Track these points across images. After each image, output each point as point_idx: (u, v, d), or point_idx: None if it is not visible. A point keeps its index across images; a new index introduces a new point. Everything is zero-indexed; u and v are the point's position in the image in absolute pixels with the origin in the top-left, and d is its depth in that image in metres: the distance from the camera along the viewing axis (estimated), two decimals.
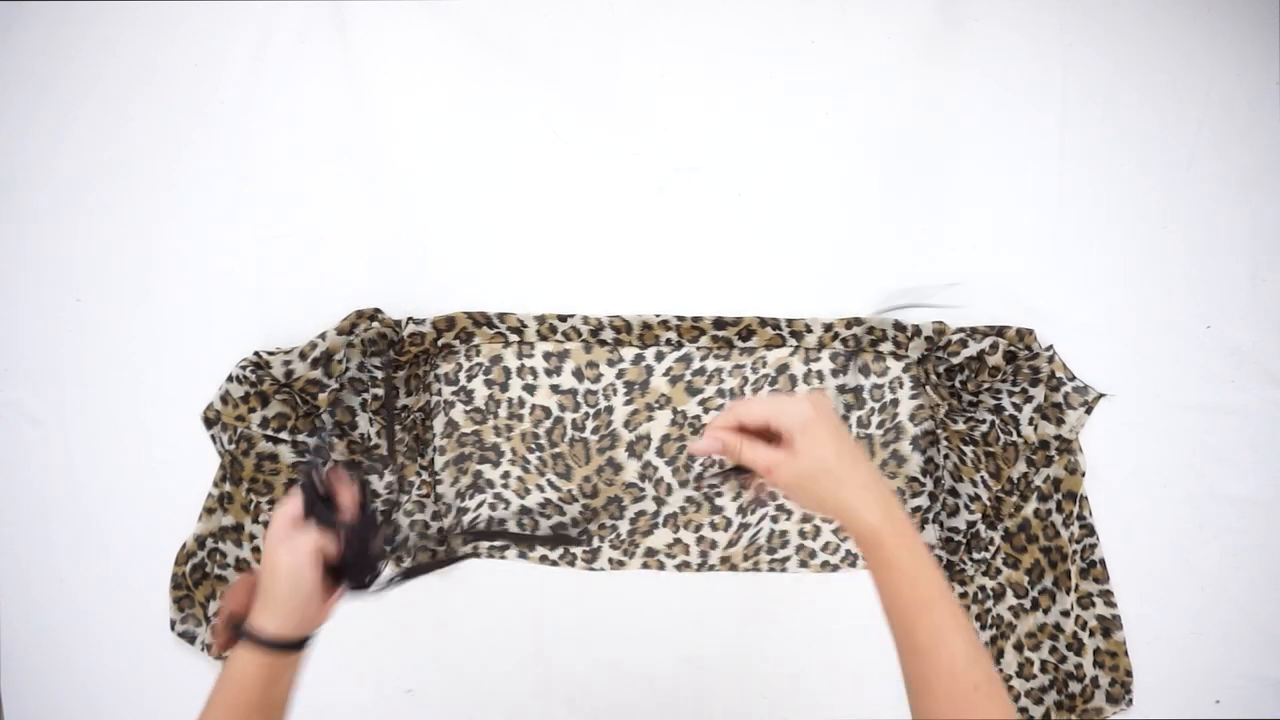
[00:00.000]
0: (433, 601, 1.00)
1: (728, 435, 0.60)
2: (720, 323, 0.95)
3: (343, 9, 0.94)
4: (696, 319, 0.95)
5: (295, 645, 0.59)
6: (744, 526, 0.98)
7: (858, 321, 0.94)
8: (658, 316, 0.95)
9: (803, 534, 0.98)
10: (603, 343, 0.95)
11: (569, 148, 0.95)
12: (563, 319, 0.95)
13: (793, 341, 0.95)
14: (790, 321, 0.95)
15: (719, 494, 0.94)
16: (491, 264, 0.96)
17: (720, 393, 0.96)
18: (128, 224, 0.97)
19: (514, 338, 0.96)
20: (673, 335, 0.95)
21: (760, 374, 0.96)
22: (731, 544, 0.98)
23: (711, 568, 0.99)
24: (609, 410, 0.96)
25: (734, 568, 0.99)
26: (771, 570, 0.99)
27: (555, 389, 0.96)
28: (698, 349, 0.96)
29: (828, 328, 0.94)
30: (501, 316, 0.95)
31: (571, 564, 1.00)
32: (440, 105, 0.95)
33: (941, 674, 0.54)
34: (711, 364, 0.96)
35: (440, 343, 0.95)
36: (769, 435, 0.60)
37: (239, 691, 0.57)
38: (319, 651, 1.03)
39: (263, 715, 0.58)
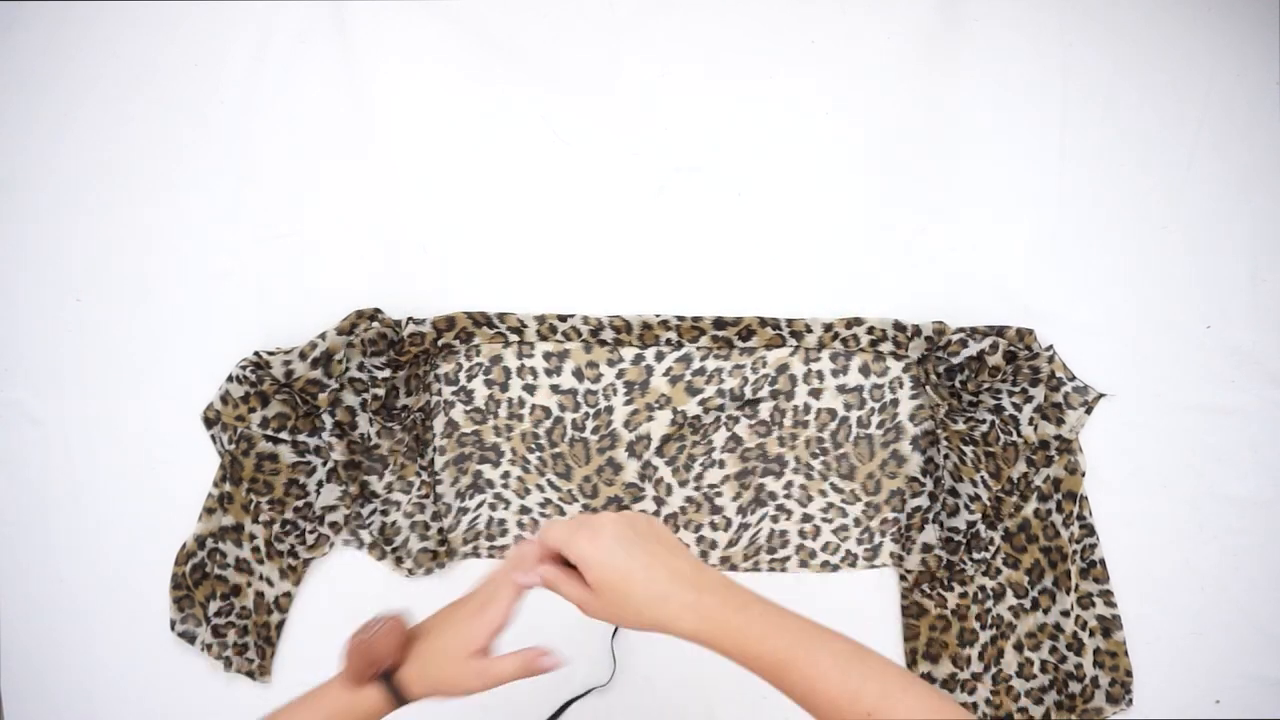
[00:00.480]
0: (433, 601, 0.99)
1: (545, 569, 0.60)
2: (720, 323, 0.95)
3: (343, 9, 0.94)
4: (696, 319, 0.95)
5: (403, 703, 0.62)
6: (744, 526, 0.98)
7: (858, 321, 0.94)
8: (658, 316, 0.95)
9: (803, 534, 0.98)
10: (603, 343, 0.96)
11: (569, 148, 0.95)
12: (563, 319, 0.95)
13: (793, 341, 0.95)
14: (790, 321, 0.95)
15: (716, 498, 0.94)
16: (491, 264, 0.96)
17: (720, 393, 0.96)
18: (128, 224, 0.97)
19: (514, 338, 0.96)
20: (673, 335, 0.95)
21: (760, 374, 0.96)
22: (731, 544, 0.98)
23: (711, 567, 0.99)
24: (609, 410, 0.96)
25: (734, 568, 0.99)
26: (771, 570, 0.99)
27: (555, 389, 0.96)
28: (698, 349, 0.96)
29: (828, 328, 0.94)
30: (501, 316, 0.95)
31: None
32: (440, 105, 0.95)
33: (829, 713, 0.53)
34: (711, 364, 0.96)
35: (440, 343, 0.95)
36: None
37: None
38: (319, 651, 1.03)
39: None
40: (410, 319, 0.95)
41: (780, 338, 0.95)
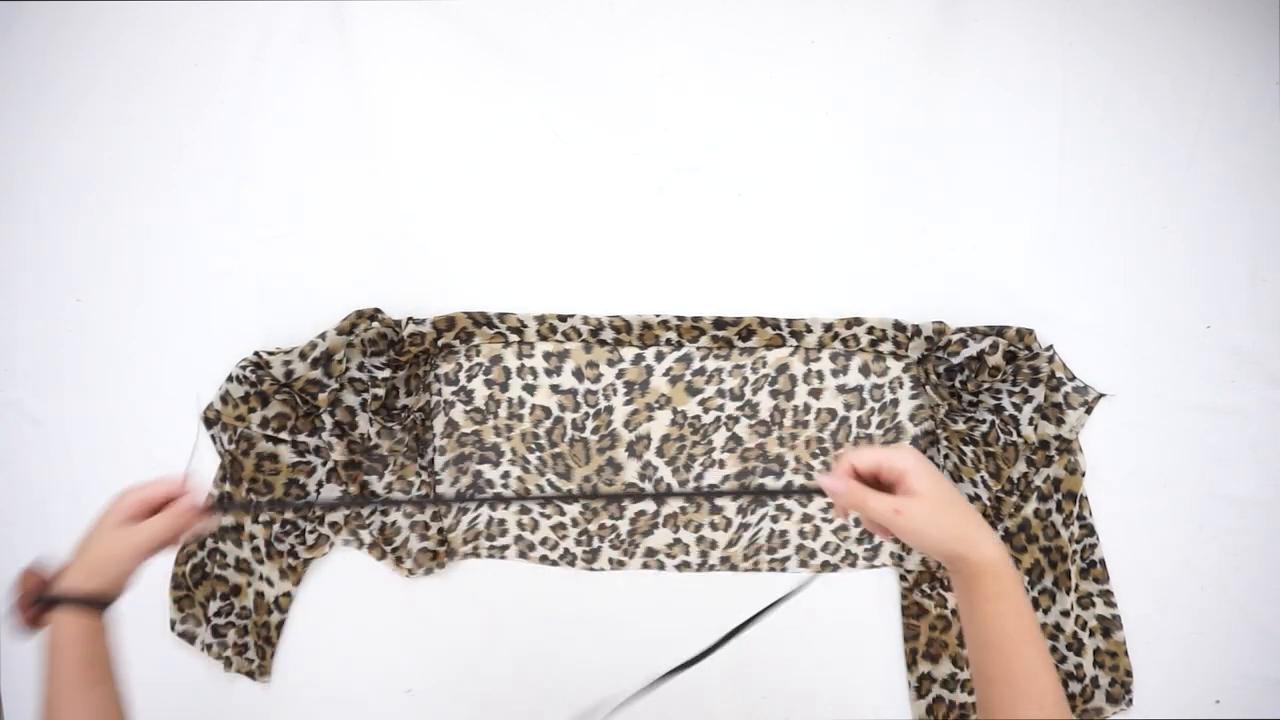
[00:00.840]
0: (433, 602, 1.00)
1: (853, 485, 0.61)
2: (720, 323, 0.95)
3: (343, 9, 0.94)
4: (696, 319, 0.95)
5: (104, 604, 0.64)
6: (744, 526, 0.98)
7: (858, 321, 0.94)
8: (658, 316, 0.95)
9: (803, 534, 0.98)
10: (603, 343, 0.95)
11: (569, 148, 0.95)
12: (563, 319, 0.95)
13: (793, 341, 0.95)
14: (790, 321, 0.95)
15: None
16: (491, 264, 0.96)
17: (720, 393, 0.96)
18: (128, 224, 0.97)
19: (514, 338, 0.96)
20: (673, 335, 0.95)
21: (760, 374, 0.96)
22: (731, 544, 0.98)
23: (711, 568, 0.99)
24: (609, 410, 0.96)
25: (734, 568, 0.99)
26: (771, 570, 0.99)
27: (555, 389, 0.96)
28: (698, 349, 0.96)
29: (828, 328, 0.94)
30: (501, 316, 0.95)
31: (571, 564, 1.00)
32: (440, 105, 0.95)
33: (1031, 707, 0.56)
34: (711, 364, 0.96)
35: (440, 343, 0.95)
36: (878, 484, 0.62)
37: (70, 649, 0.62)
38: (319, 651, 1.03)
39: (95, 670, 0.62)
40: (410, 319, 0.95)
41: (780, 338, 0.95)
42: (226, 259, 0.97)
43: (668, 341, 0.95)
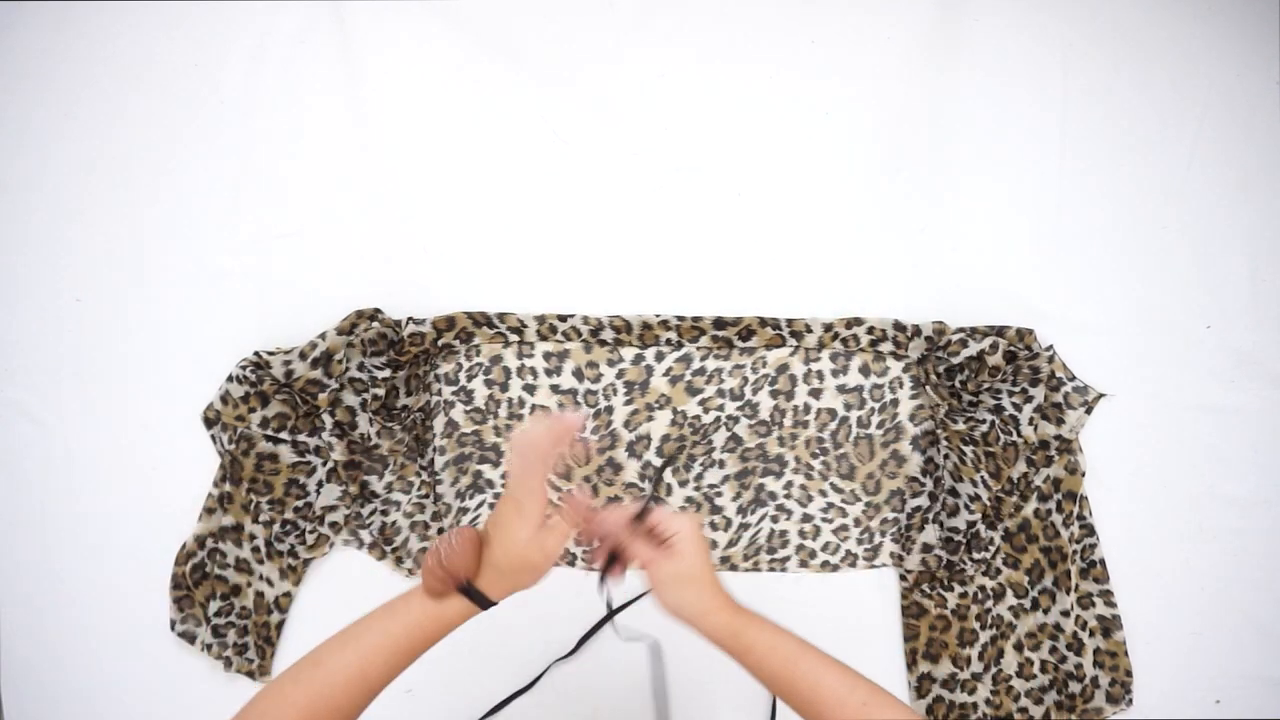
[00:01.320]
0: None
1: (625, 528, 0.69)
2: (720, 323, 0.95)
3: (342, 9, 0.94)
4: (696, 319, 0.95)
5: (490, 606, 0.67)
6: (744, 526, 0.98)
7: (858, 321, 0.94)
8: (658, 316, 0.95)
9: (802, 534, 0.98)
10: (603, 343, 0.96)
11: (569, 148, 0.95)
12: (563, 319, 0.95)
13: (793, 341, 0.95)
14: (790, 321, 0.95)
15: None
16: (491, 264, 0.96)
17: (720, 392, 0.96)
18: (128, 224, 0.97)
19: (514, 338, 0.96)
20: (673, 335, 0.95)
21: (760, 374, 0.96)
22: (731, 544, 0.98)
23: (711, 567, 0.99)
24: (609, 410, 0.96)
25: (734, 567, 0.99)
26: (771, 570, 0.99)
27: (555, 389, 0.96)
28: (698, 349, 0.96)
29: (828, 328, 0.94)
30: (501, 316, 0.95)
31: (571, 564, 1.00)
32: (440, 105, 0.95)
33: (833, 707, 0.63)
34: (711, 364, 0.96)
35: (440, 343, 0.95)
36: (651, 537, 0.69)
37: (438, 629, 0.65)
38: None
39: (423, 651, 0.66)
40: (410, 319, 0.95)
41: (780, 338, 0.95)
42: (226, 259, 0.97)
43: (668, 341, 0.95)
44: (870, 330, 0.94)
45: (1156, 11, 0.92)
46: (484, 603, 0.66)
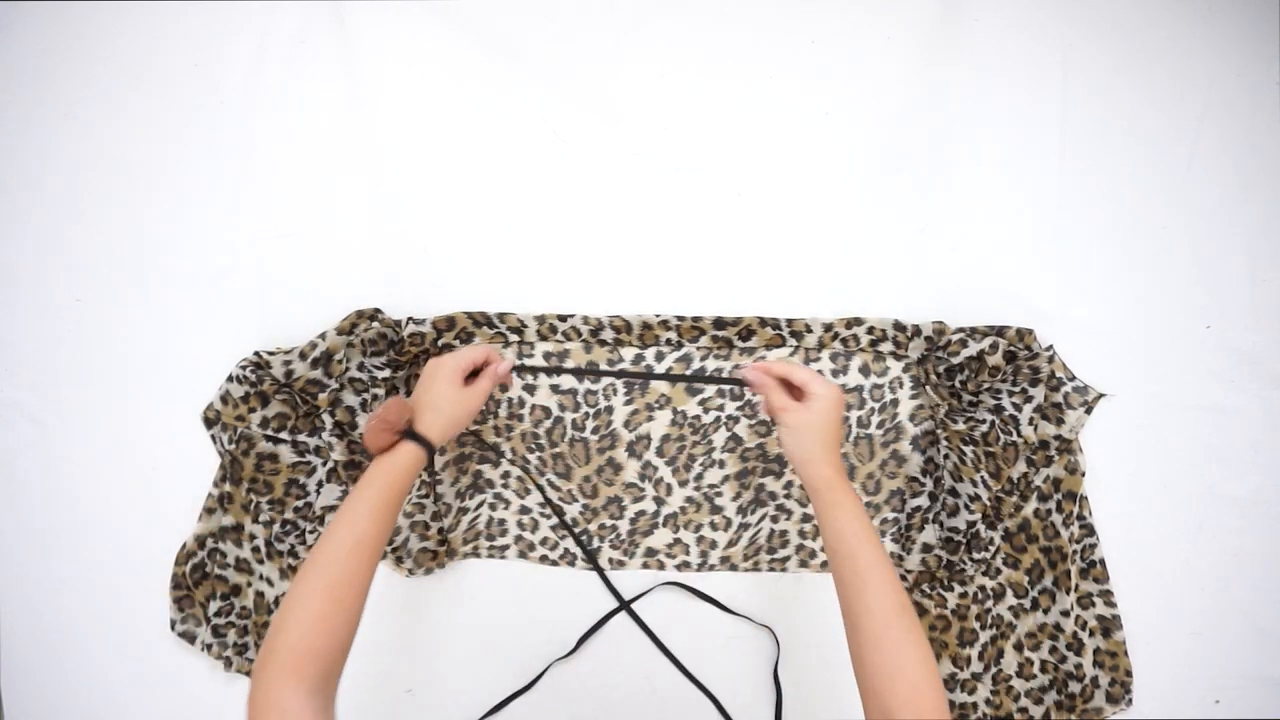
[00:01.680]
0: (433, 602, 1.00)
1: (768, 377, 0.82)
2: (720, 323, 0.95)
3: (342, 9, 0.94)
4: (696, 319, 0.95)
5: (434, 450, 0.79)
6: (744, 526, 0.98)
7: (858, 321, 0.94)
8: (658, 316, 0.95)
9: (802, 534, 0.98)
10: (603, 343, 0.96)
11: (569, 147, 0.95)
12: (563, 319, 0.95)
13: (793, 341, 0.95)
14: (790, 321, 0.95)
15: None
16: (491, 264, 0.96)
17: (720, 392, 0.96)
18: (128, 224, 0.97)
19: (514, 338, 0.96)
20: (673, 335, 0.95)
21: None
22: (731, 544, 0.98)
23: (711, 567, 0.99)
24: (609, 410, 0.96)
25: (734, 567, 0.99)
26: (771, 570, 0.99)
27: (555, 389, 0.96)
28: (698, 349, 0.96)
29: (827, 328, 0.94)
30: (501, 316, 0.95)
31: (571, 563, 1.00)
32: (440, 105, 0.95)
33: (871, 594, 0.69)
34: (711, 364, 0.96)
35: (440, 343, 0.95)
36: (792, 390, 0.81)
37: (400, 477, 0.76)
38: None
39: (401, 500, 0.76)
40: (410, 319, 0.95)
41: (780, 338, 0.95)
42: (226, 259, 0.97)
43: (668, 341, 0.95)
44: (870, 330, 0.94)
45: (1156, 11, 0.92)
46: (427, 444, 0.78)
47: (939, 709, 0.64)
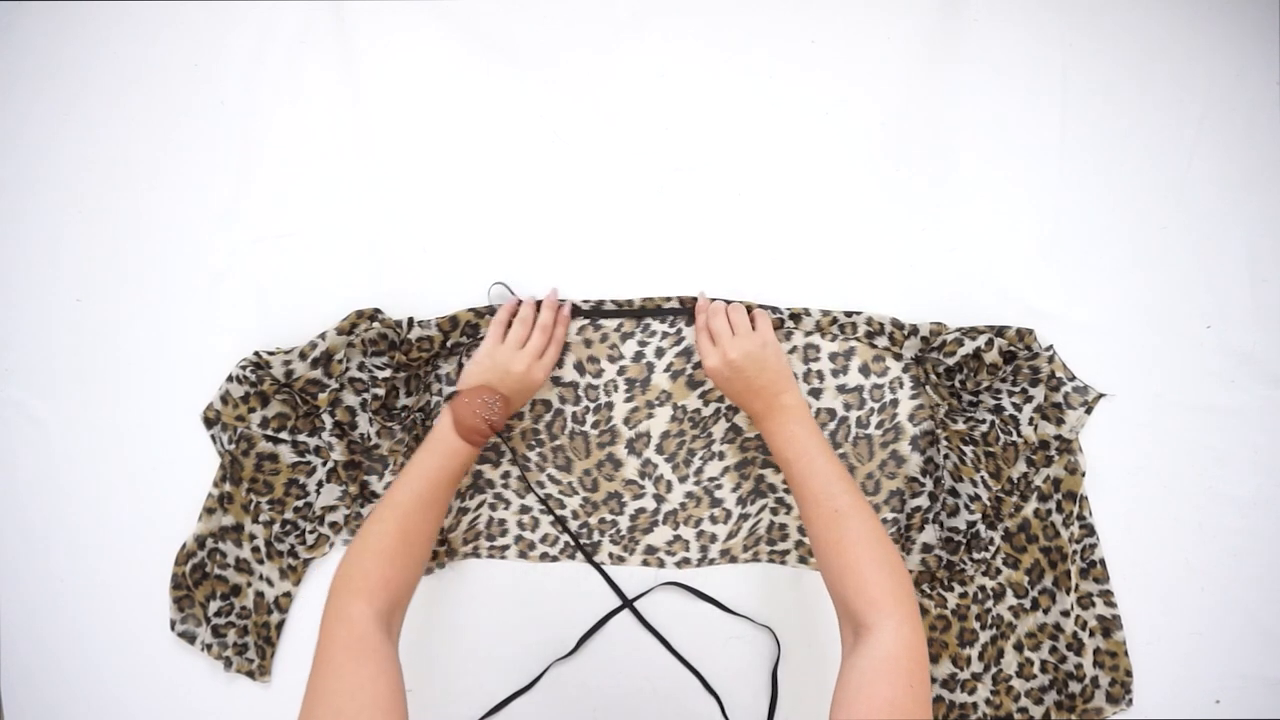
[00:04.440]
0: (432, 601, 1.00)
1: (714, 305, 0.90)
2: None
3: (343, 9, 0.94)
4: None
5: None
6: (744, 517, 0.98)
7: (856, 313, 0.94)
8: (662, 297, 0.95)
9: (802, 531, 0.98)
10: (604, 314, 0.95)
11: (569, 147, 0.95)
12: None
13: (790, 324, 0.95)
14: (790, 308, 0.95)
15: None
16: (491, 264, 0.96)
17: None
18: (128, 224, 0.97)
19: None
20: (674, 307, 0.94)
21: None
22: (731, 535, 0.98)
23: (712, 561, 0.99)
24: (609, 406, 0.96)
25: (734, 559, 0.99)
26: (771, 561, 0.99)
27: (556, 381, 0.96)
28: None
29: (825, 313, 0.94)
30: None
31: (572, 556, 1.00)
32: (440, 105, 0.95)
33: (809, 504, 0.78)
34: None
35: (449, 344, 0.95)
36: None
37: (472, 454, 0.85)
38: None
39: (463, 474, 0.86)
40: (411, 319, 0.94)
41: (780, 321, 0.95)
42: (226, 259, 0.97)
43: (669, 313, 0.95)
44: (869, 321, 0.94)
45: (1156, 11, 0.92)
46: (502, 434, 0.92)
47: (893, 593, 0.71)
